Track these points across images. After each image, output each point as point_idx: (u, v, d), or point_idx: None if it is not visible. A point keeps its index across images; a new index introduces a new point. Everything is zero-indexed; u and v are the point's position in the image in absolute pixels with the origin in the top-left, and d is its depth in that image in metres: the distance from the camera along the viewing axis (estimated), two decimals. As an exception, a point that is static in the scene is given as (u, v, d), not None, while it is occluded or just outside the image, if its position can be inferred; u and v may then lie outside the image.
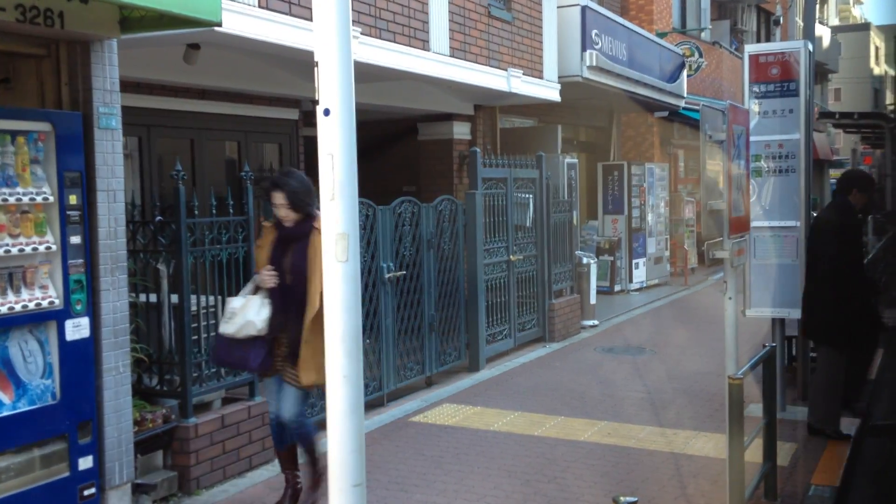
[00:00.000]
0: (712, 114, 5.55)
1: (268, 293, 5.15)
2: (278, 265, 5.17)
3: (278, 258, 5.20)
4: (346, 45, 2.26)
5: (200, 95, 8.23)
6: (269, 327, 5.09)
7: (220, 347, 5.22)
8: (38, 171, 4.83)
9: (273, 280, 5.13)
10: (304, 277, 5.08)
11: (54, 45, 5.07)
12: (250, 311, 5.09)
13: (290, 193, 5.14)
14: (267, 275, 5.16)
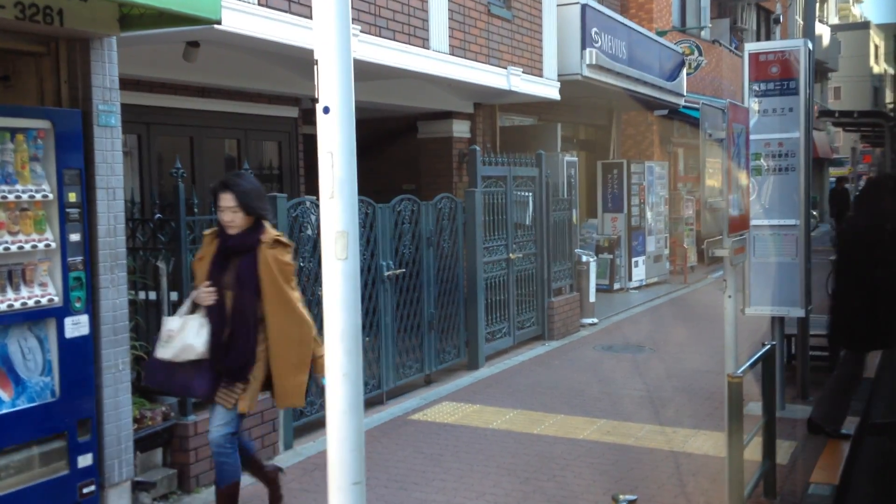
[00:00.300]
0: (712, 112, 5.55)
1: (206, 312, 4.72)
2: (217, 281, 4.71)
3: (218, 273, 4.74)
4: (345, 42, 2.26)
5: (200, 93, 8.23)
6: (210, 350, 4.67)
7: (159, 371, 4.76)
8: (38, 169, 4.83)
9: (212, 298, 4.69)
10: (248, 296, 4.66)
11: (54, 42, 5.07)
12: (189, 333, 4.66)
13: (240, 194, 4.68)
14: (205, 292, 4.71)
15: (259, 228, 4.74)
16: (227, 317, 4.68)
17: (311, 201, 7.06)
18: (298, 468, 6.24)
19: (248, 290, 4.65)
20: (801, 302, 7.32)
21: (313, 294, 6.93)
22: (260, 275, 4.66)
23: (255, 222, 4.75)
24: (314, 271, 6.92)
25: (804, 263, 7.32)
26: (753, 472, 5.33)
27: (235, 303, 4.67)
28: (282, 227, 6.57)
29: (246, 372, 4.70)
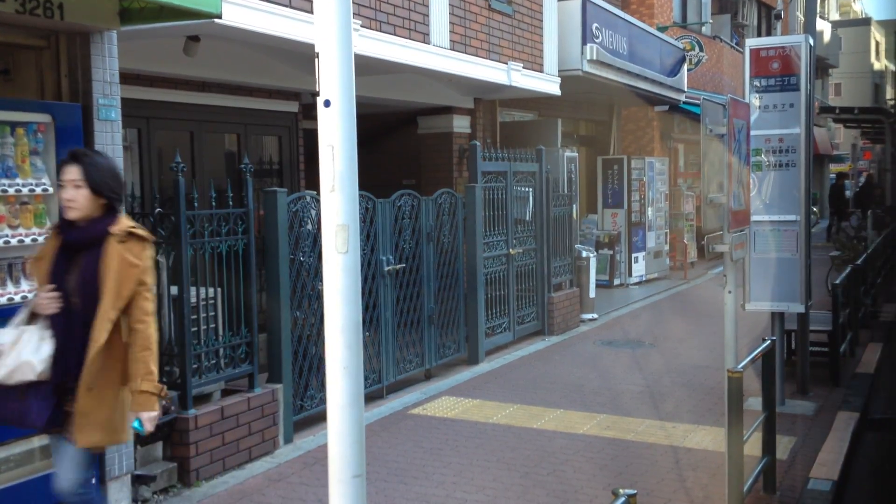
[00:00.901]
0: (713, 108, 5.55)
1: (49, 322, 3.79)
2: (61, 284, 3.79)
3: (61, 274, 3.81)
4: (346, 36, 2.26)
5: (200, 87, 8.22)
6: (51, 369, 3.75)
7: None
8: (38, 163, 4.83)
9: (54, 305, 3.77)
10: (95, 302, 3.75)
11: (54, 36, 5.06)
12: (26, 348, 3.72)
13: (89, 168, 3.80)
14: (45, 298, 3.77)
15: (109, 217, 3.88)
16: (73, 328, 3.77)
17: (312, 196, 7.06)
18: (299, 462, 6.24)
19: (93, 295, 3.75)
20: (801, 298, 7.33)
21: (313, 288, 6.94)
22: (101, 270, 3.76)
23: (106, 210, 3.88)
24: (314, 266, 6.92)
25: (804, 259, 7.32)
26: (753, 467, 5.34)
27: (80, 309, 3.78)
28: (282, 221, 6.58)
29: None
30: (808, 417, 7.20)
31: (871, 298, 12.15)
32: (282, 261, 6.58)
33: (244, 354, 6.32)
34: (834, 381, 8.22)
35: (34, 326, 3.80)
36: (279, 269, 6.56)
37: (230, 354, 6.24)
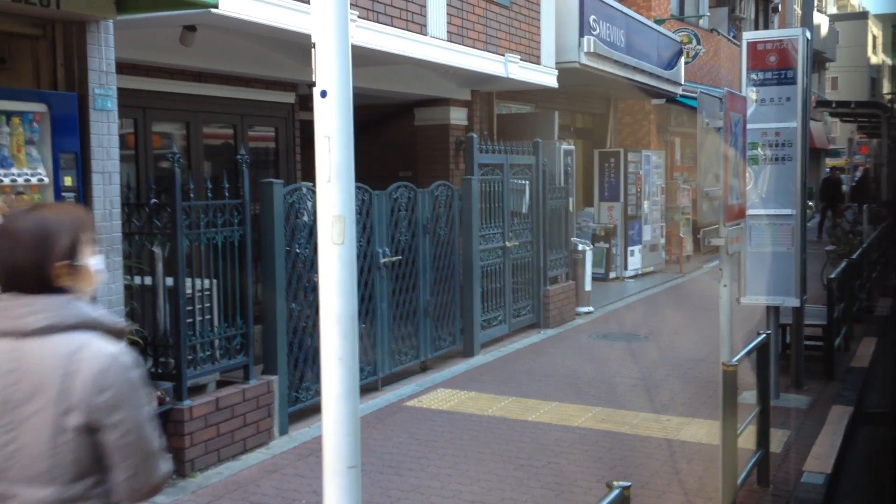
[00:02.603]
0: (710, 101, 5.55)
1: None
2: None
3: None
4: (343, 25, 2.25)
5: (197, 78, 8.20)
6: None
7: None
8: (33, 152, 4.82)
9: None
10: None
11: (50, 25, 5.05)
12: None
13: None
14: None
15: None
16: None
17: (308, 187, 7.05)
18: (293, 453, 6.25)
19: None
20: (797, 292, 7.34)
21: (309, 280, 6.94)
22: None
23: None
24: (310, 257, 6.91)
25: (800, 253, 7.33)
26: (747, 459, 5.35)
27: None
28: (278, 213, 6.57)
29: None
30: (803, 411, 7.21)
31: (866, 293, 12.17)
32: (278, 252, 6.57)
33: (239, 346, 6.32)
34: (828, 375, 8.24)
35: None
36: (275, 260, 6.55)
37: (225, 345, 6.24)
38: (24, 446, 2.08)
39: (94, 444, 2.09)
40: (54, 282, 2.15)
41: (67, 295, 2.16)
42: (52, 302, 2.13)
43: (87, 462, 2.10)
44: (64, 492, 2.09)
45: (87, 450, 2.09)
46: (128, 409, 2.10)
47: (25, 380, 2.08)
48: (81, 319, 2.13)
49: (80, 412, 2.06)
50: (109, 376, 2.08)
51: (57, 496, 2.08)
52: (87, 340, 2.11)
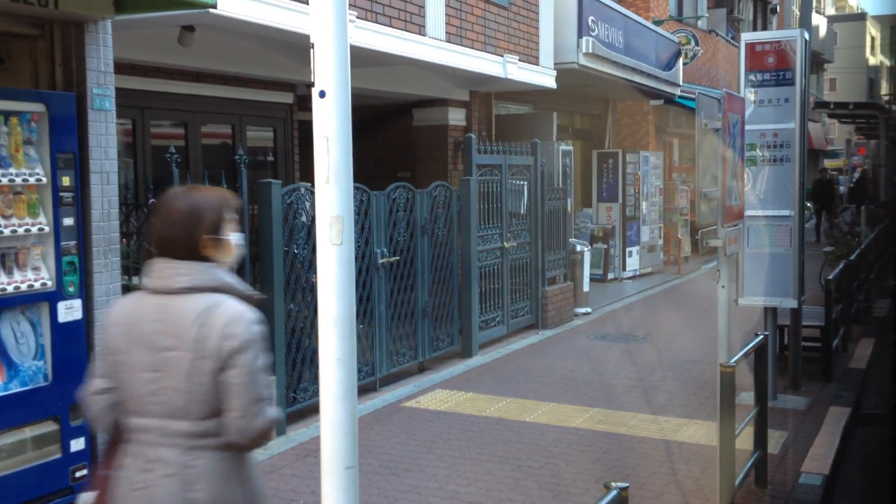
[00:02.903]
0: (708, 102, 5.55)
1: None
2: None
3: None
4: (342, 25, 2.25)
5: (195, 78, 8.20)
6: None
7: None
8: (31, 152, 4.81)
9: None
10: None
11: (48, 25, 5.04)
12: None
13: None
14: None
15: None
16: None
17: (306, 188, 7.05)
18: (291, 454, 6.24)
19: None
20: (794, 293, 7.34)
21: (307, 281, 6.93)
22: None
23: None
24: (308, 258, 6.91)
25: (798, 254, 7.33)
26: (745, 460, 5.35)
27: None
28: (276, 213, 6.57)
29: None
30: (800, 412, 7.22)
31: (864, 294, 12.18)
32: (276, 252, 6.57)
33: (237, 346, 6.30)
34: (826, 376, 8.25)
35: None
36: (273, 260, 6.55)
37: (223, 346, 6.23)
38: (166, 385, 2.51)
39: (220, 386, 2.50)
40: (200, 251, 2.61)
41: (210, 263, 2.61)
42: (196, 267, 2.58)
43: (215, 403, 2.50)
44: (195, 426, 2.51)
45: (216, 392, 2.50)
46: (246, 356, 2.51)
47: (170, 329, 2.52)
48: (219, 283, 2.59)
49: (212, 359, 2.49)
50: (234, 326, 2.51)
51: (190, 429, 2.50)
52: (222, 300, 2.56)
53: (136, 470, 2.54)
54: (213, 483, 2.52)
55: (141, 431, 2.56)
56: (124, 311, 2.65)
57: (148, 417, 2.55)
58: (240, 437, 2.52)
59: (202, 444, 2.52)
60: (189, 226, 2.59)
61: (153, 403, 2.54)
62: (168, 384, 2.51)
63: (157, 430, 2.53)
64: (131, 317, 2.60)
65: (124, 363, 2.58)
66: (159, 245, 2.62)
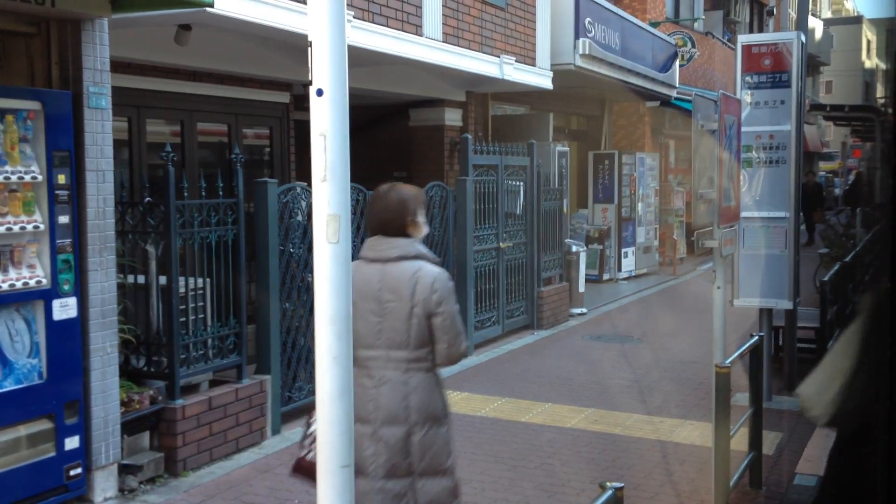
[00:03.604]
0: (705, 103, 5.56)
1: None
2: None
3: None
4: (339, 23, 2.25)
5: (191, 77, 8.19)
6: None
7: None
8: (27, 150, 4.80)
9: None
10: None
11: (44, 23, 5.03)
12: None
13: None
14: None
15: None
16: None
17: (302, 187, 7.04)
18: (286, 453, 6.24)
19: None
20: (790, 294, 7.36)
21: (302, 280, 6.93)
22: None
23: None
24: (304, 257, 6.91)
25: (793, 256, 7.34)
26: (740, 461, 5.36)
27: None
28: (272, 212, 6.57)
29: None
30: (795, 413, 7.22)
31: (860, 295, 12.19)
32: (271, 251, 6.56)
33: (232, 345, 6.31)
34: (821, 377, 8.24)
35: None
36: (269, 259, 6.54)
37: (218, 345, 6.23)
38: (389, 326, 3.47)
39: (428, 326, 3.47)
40: (405, 230, 3.57)
41: (411, 238, 3.57)
42: (403, 242, 3.54)
43: (424, 337, 3.48)
44: (410, 354, 3.48)
45: (425, 329, 3.47)
46: (447, 304, 3.49)
47: (387, 286, 3.48)
48: (418, 253, 3.55)
49: (420, 306, 3.45)
50: (437, 284, 3.48)
51: (406, 356, 3.48)
52: (423, 265, 3.52)
53: (369, 386, 3.48)
54: (423, 392, 3.49)
55: (370, 359, 3.49)
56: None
57: (376, 349, 3.49)
58: (447, 360, 3.53)
59: (415, 367, 3.49)
60: (399, 212, 3.55)
61: (379, 339, 3.48)
62: (390, 325, 3.47)
63: (383, 357, 3.48)
64: (357, 279, 3.35)
65: (355, 312, 3.23)
66: (377, 226, 3.59)
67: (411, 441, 3.47)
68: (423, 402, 3.48)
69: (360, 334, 3.41)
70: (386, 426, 3.46)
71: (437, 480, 3.53)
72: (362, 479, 3.42)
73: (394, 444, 3.46)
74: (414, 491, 3.49)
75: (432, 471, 3.51)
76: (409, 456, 3.47)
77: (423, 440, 3.48)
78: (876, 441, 2.89)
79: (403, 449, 3.46)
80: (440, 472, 3.54)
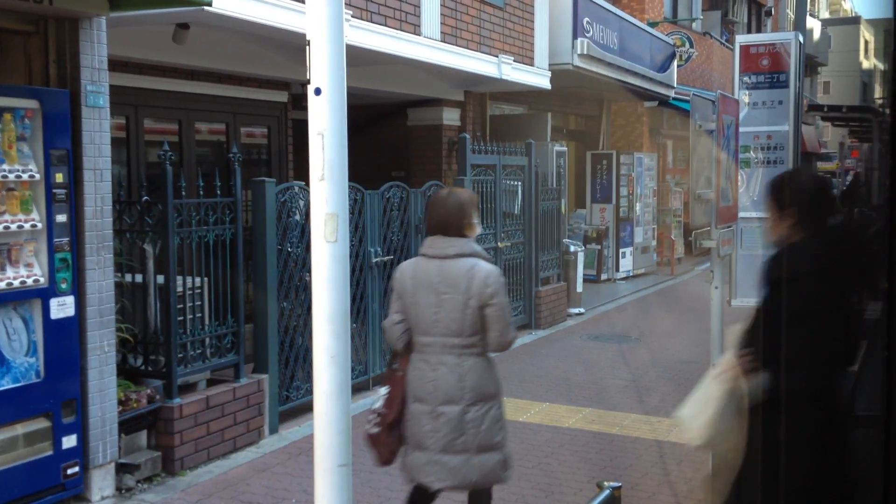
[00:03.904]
0: (702, 103, 5.56)
1: None
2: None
3: None
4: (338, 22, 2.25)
5: (189, 76, 8.18)
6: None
7: None
8: (25, 149, 4.80)
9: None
10: None
11: (42, 21, 5.03)
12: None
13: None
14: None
15: None
16: None
17: (300, 186, 7.04)
18: (284, 452, 6.24)
19: None
20: (787, 294, 7.35)
21: (300, 279, 6.92)
22: None
23: None
24: (301, 256, 6.91)
25: (791, 256, 7.34)
26: (737, 461, 5.36)
27: None
28: (270, 211, 6.56)
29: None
30: (792, 413, 7.23)
31: (856, 296, 12.19)
32: (269, 251, 6.56)
33: (230, 344, 6.31)
34: (818, 377, 8.25)
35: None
36: (266, 259, 6.54)
37: (216, 344, 6.23)
38: (445, 316, 3.87)
39: (481, 316, 3.85)
40: (462, 231, 3.97)
41: (467, 238, 3.98)
42: (460, 241, 3.95)
43: (477, 326, 3.86)
44: (465, 341, 3.87)
45: (477, 319, 3.85)
46: (499, 297, 3.87)
47: (445, 280, 3.88)
48: (474, 251, 3.95)
49: (475, 298, 3.84)
50: (490, 279, 3.87)
51: (461, 343, 3.87)
52: (477, 262, 3.92)
53: (426, 370, 3.90)
54: (476, 375, 3.88)
55: (428, 345, 3.92)
56: (410, 270, 4.01)
57: (433, 336, 3.90)
58: (498, 347, 3.91)
59: (469, 352, 3.88)
60: (458, 215, 3.97)
61: (436, 327, 3.88)
62: (446, 315, 3.86)
63: (440, 344, 3.88)
64: (417, 273, 3.95)
65: (415, 303, 3.92)
66: (437, 227, 3.99)
67: (466, 419, 3.86)
68: (477, 384, 3.88)
69: (418, 323, 3.93)
70: (443, 405, 3.86)
71: (490, 455, 3.89)
72: (420, 453, 3.91)
73: (450, 422, 3.85)
74: (468, 464, 3.85)
75: (485, 446, 3.87)
76: (463, 432, 3.85)
77: (477, 418, 3.87)
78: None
79: (459, 426, 3.85)
80: (492, 446, 3.90)
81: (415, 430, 3.92)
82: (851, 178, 31.55)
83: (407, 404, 3.96)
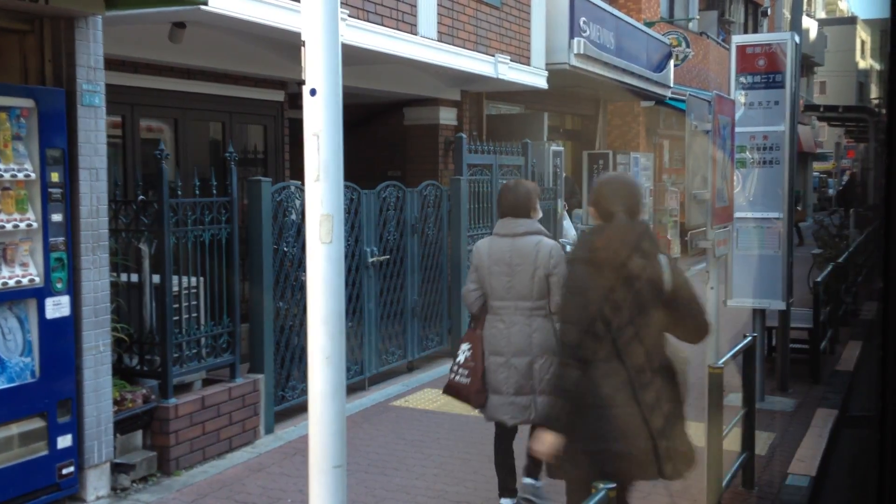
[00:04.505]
0: (699, 103, 5.57)
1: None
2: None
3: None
4: (333, 23, 2.25)
5: (185, 75, 8.17)
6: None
7: None
8: (20, 148, 4.79)
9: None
10: None
11: (38, 20, 5.02)
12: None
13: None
14: None
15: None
16: None
17: (296, 186, 7.03)
18: (279, 452, 6.23)
19: None
20: (783, 295, 7.37)
21: (296, 279, 6.92)
22: None
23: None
24: (298, 256, 6.90)
25: (786, 256, 7.35)
26: (732, 462, 5.37)
27: None
28: (266, 211, 6.56)
29: None
30: (788, 414, 7.24)
31: (852, 296, 12.23)
32: (265, 250, 6.56)
33: (226, 344, 6.30)
34: (814, 378, 8.28)
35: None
36: (262, 258, 6.54)
37: (212, 344, 6.22)
38: (517, 282, 4.69)
39: (547, 284, 4.64)
40: (528, 213, 4.80)
41: (532, 219, 4.81)
42: (527, 221, 4.78)
43: (544, 291, 4.67)
44: (533, 304, 4.69)
45: (544, 286, 4.66)
46: (560, 268, 4.58)
47: (516, 254, 4.70)
48: (539, 230, 4.79)
49: (542, 269, 4.65)
50: (553, 252, 4.68)
51: (530, 306, 4.69)
52: (542, 238, 4.74)
53: (502, 328, 4.72)
54: (542, 332, 4.67)
55: (502, 308, 4.73)
56: (486, 248, 4.83)
57: (507, 300, 4.71)
58: (555, 309, 4.55)
59: (536, 314, 4.68)
60: (525, 200, 4.79)
61: (510, 293, 4.70)
62: (518, 282, 4.68)
63: (512, 307, 4.70)
64: (492, 250, 4.78)
65: (490, 273, 4.76)
66: (508, 210, 4.79)
67: (533, 368, 4.68)
68: (543, 340, 4.66)
69: (494, 289, 4.75)
70: (515, 357, 4.68)
71: (548, 398, 4.33)
72: (497, 396, 4.74)
73: (521, 370, 4.67)
74: (535, 404, 4.66)
75: (546, 390, 4.54)
76: (531, 378, 4.68)
77: (542, 367, 4.66)
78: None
79: (528, 373, 4.67)
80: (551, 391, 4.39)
81: (492, 378, 4.73)
82: (847, 178, 31.59)
83: (485, 357, 4.75)
